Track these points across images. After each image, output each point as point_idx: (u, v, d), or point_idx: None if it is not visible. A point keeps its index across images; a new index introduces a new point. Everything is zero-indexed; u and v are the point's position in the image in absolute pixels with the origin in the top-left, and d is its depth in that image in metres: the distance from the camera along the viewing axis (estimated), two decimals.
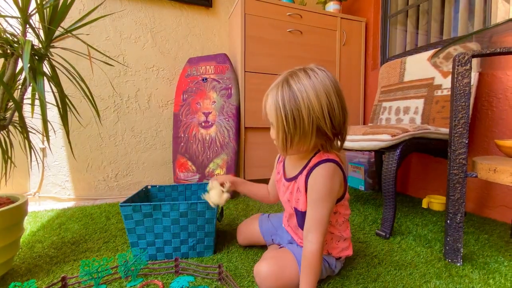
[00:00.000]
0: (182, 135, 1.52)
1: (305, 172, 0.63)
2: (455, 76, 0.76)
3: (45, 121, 0.66)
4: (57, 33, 0.78)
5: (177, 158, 1.52)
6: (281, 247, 0.77)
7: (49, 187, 1.42)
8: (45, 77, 0.73)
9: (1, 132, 0.72)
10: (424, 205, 1.27)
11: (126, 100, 1.54)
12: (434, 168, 1.37)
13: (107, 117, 1.50)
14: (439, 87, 1.19)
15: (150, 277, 0.71)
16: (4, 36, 0.70)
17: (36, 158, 1.05)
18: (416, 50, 1.44)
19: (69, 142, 0.80)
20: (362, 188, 1.61)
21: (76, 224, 1.08)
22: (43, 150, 1.39)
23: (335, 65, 1.68)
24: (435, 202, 1.25)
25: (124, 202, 0.80)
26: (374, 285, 0.67)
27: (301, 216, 0.66)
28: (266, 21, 1.51)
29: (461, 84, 0.75)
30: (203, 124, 1.50)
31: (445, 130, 1.01)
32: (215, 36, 1.71)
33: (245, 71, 1.48)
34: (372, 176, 1.58)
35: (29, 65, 0.62)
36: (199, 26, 1.67)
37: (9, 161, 0.80)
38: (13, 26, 0.75)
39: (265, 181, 1.53)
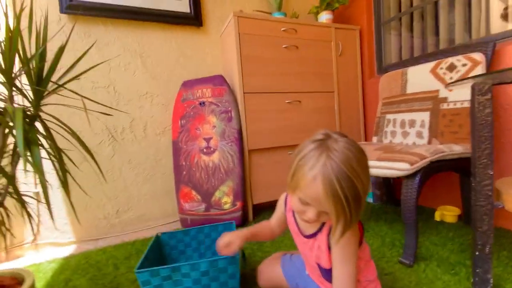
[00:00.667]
0: (184, 163, 1.46)
1: (325, 231, 0.61)
2: (476, 106, 0.73)
3: (47, 198, 0.60)
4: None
5: (180, 188, 1.46)
6: None
7: (48, 233, 1.33)
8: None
9: None
10: (437, 217, 1.27)
11: (121, 132, 1.46)
12: (444, 178, 1.37)
13: (102, 151, 1.42)
14: (444, 100, 1.17)
15: None
16: None
17: (28, 209, 0.97)
18: (415, 59, 1.42)
19: (72, 205, 0.73)
20: (371, 200, 1.60)
21: (83, 279, 1.01)
22: (36, 194, 1.30)
23: (332, 77, 1.65)
24: (448, 214, 1.25)
25: (140, 265, 0.75)
26: None
27: (325, 272, 0.64)
28: (261, 39, 1.45)
29: (482, 114, 0.73)
30: (204, 150, 1.44)
31: (459, 148, 1.00)
32: (207, 55, 1.64)
33: (244, 93, 1.42)
34: (379, 187, 1.57)
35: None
36: (190, 47, 1.59)
37: (7, 232, 0.73)
38: None
39: (274, 203, 1.50)
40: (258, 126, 1.46)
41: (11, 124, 0.62)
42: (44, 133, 0.69)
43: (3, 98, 0.65)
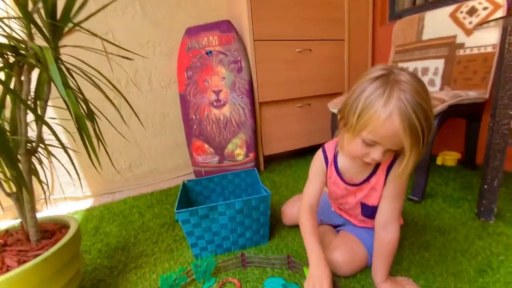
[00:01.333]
0: (194, 117, 1.44)
1: (382, 171, 0.62)
2: (507, 46, 0.73)
3: (93, 148, 0.59)
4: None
5: (192, 142, 1.46)
6: (338, 229, 0.81)
7: (63, 187, 1.34)
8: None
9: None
10: (439, 162, 1.35)
11: (125, 84, 1.39)
12: (449, 126, 1.42)
13: (108, 105, 1.36)
14: (461, 46, 1.16)
15: (220, 275, 0.74)
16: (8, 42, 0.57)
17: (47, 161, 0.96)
18: (433, 3, 1.36)
19: (98, 160, 0.72)
20: None
21: (112, 226, 1.06)
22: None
23: (343, 23, 1.57)
24: (449, 158, 1.33)
25: (177, 206, 0.78)
26: (429, 254, 0.74)
27: (369, 209, 0.68)
28: None
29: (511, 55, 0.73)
30: (214, 103, 1.41)
31: (473, 93, 1.02)
32: None
33: (254, 40, 1.35)
34: None
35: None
36: None
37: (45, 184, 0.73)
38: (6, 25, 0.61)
39: (284, 154, 1.54)
40: (268, 77, 1.42)
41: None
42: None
43: (18, 37, 0.59)
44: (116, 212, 1.18)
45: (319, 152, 0.71)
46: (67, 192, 1.36)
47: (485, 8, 1.11)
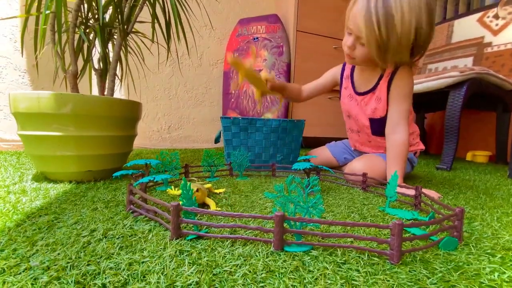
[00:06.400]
0: (233, 92, 1.60)
1: (386, 79, 0.69)
2: None
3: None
4: None
5: (227, 113, 1.59)
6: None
7: None
8: None
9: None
10: (468, 158, 1.35)
11: (180, 56, 1.61)
12: (478, 128, 1.45)
13: (163, 70, 1.57)
14: (489, 44, 1.26)
15: (251, 177, 0.79)
16: None
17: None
18: (460, 15, 1.52)
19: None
20: None
21: (151, 156, 1.16)
22: None
23: None
24: (479, 155, 1.33)
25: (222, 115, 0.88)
26: (451, 186, 0.75)
27: (377, 123, 0.73)
28: None
29: None
30: None
31: (502, 76, 1.09)
32: None
33: (297, 30, 1.55)
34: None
35: None
36: None
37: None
38: None
39: (316, 139, 1.61)
40: (305, 65, 1.58)
41: None
42: None
43: None
44: (154, 152, 1.29)
45: (339, 65, 0.83)
46: None
47: (510, 13, 1.23)
